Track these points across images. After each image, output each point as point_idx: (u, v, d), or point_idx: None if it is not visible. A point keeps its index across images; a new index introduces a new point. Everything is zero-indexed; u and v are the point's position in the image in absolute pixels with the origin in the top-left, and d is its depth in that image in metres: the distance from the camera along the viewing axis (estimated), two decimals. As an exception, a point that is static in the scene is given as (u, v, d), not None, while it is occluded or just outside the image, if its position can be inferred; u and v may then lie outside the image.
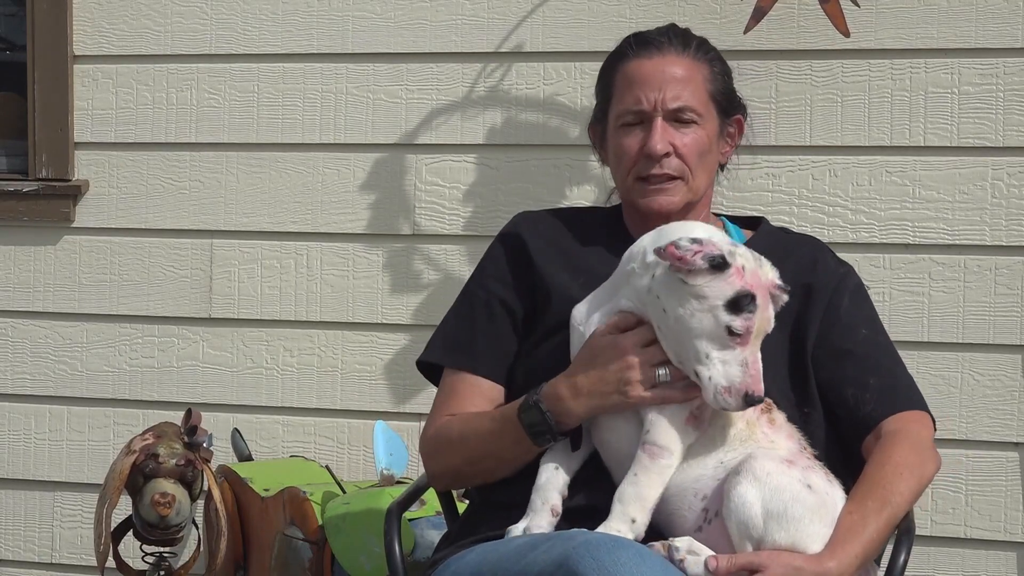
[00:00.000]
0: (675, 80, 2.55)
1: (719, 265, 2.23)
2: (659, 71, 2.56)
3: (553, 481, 2.37)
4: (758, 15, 3.42)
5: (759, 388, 2.24)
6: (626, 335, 2.34)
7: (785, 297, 2.32)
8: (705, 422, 2.32)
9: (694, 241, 2.25)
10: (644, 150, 2.54)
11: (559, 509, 2.35)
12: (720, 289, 2.24)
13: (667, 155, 2.54)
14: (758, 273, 2.27)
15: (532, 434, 2.40)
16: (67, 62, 4.02)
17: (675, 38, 2.60)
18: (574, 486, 2.39)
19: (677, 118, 2.55)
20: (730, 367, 2.24)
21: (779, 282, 2.30)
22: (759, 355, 2.26)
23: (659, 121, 2.54)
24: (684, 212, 2.60)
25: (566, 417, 2.38)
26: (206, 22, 3.96)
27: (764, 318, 2.26)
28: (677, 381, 2.31)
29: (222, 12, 3.95)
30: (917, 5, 3.55)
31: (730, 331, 2.23)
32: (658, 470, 2.28)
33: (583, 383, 2.36)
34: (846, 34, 3.43)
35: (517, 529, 2.34)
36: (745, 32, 3.43)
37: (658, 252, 2.26)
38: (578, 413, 2.37)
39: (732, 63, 2.70)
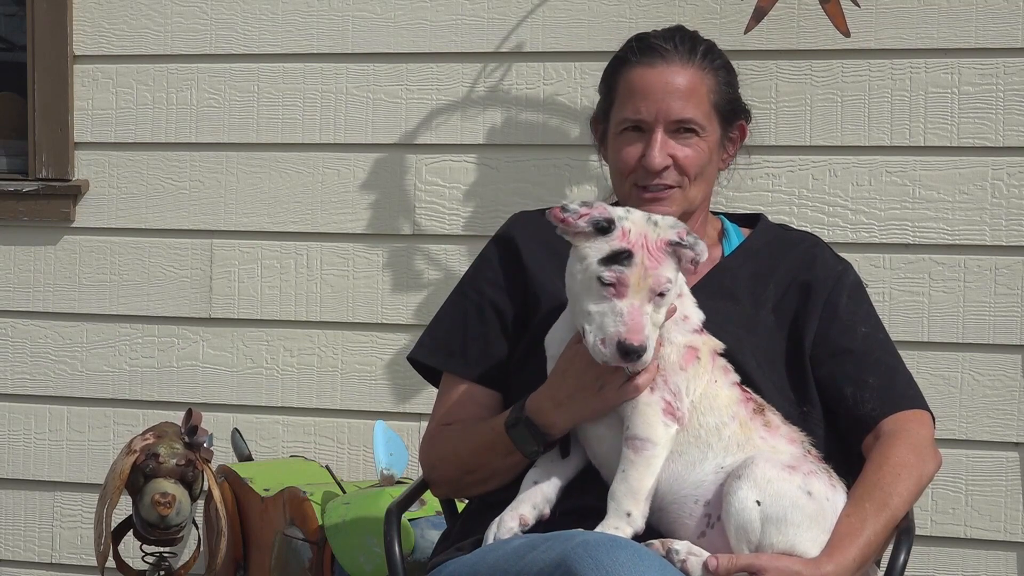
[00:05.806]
0: (677, 92, 2.51)
1: (603, 228, 2.26)
2: (662, 81, 2.51)
3: (532, 494, 2.38)
4: (758, 15, 3.42)
5: (634, 337, 2.22)
6: None
7: (690, 253, 2.27)
8: (683, 413, 2.32)
9: (584, 204, 2.28)
10: (642, 162, 2.52)
11: (528, 520, 2.35)
12: (599, 248, 2.26)
13: (665, 168, 2.52)
14: (646, 234, 2.26)
15: (520, 446, 2.41)
16: (67, 62, 4.02)
17: (681, 44, 2.54)
18: (568, 489, 2.40)
19: (678, 130, 2.52)
20: (605, 318, 2.24)
21: (674, 238, 2.27)
22: (642, 308, 2.23)
23: (659, 134, 2.51)
24: (681, 220, 2.59)
25: (551, 428, 2.39)
26: (206, 22, 3.96)
27: (647, 273, 2.24)
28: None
29: (222, 12, 3.95)
30: (917, 5, 3.55)
31: (601, 281, 2.23)
32: (644, 462, 2.29)
33: (561, 394, 2.36)
34: (846, 34, 3.43)
35: (489, 535, 2.35)
36: (745, 32, 3.43)
37: (545, 213, 2.30)
38: (561, 424, 2.38)
39: (732, 63, 2.70)
